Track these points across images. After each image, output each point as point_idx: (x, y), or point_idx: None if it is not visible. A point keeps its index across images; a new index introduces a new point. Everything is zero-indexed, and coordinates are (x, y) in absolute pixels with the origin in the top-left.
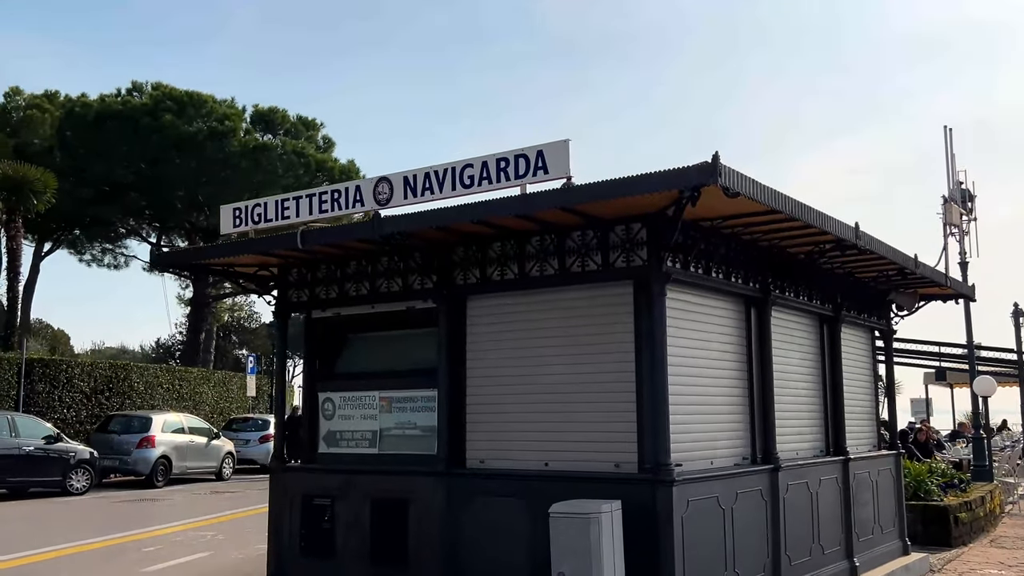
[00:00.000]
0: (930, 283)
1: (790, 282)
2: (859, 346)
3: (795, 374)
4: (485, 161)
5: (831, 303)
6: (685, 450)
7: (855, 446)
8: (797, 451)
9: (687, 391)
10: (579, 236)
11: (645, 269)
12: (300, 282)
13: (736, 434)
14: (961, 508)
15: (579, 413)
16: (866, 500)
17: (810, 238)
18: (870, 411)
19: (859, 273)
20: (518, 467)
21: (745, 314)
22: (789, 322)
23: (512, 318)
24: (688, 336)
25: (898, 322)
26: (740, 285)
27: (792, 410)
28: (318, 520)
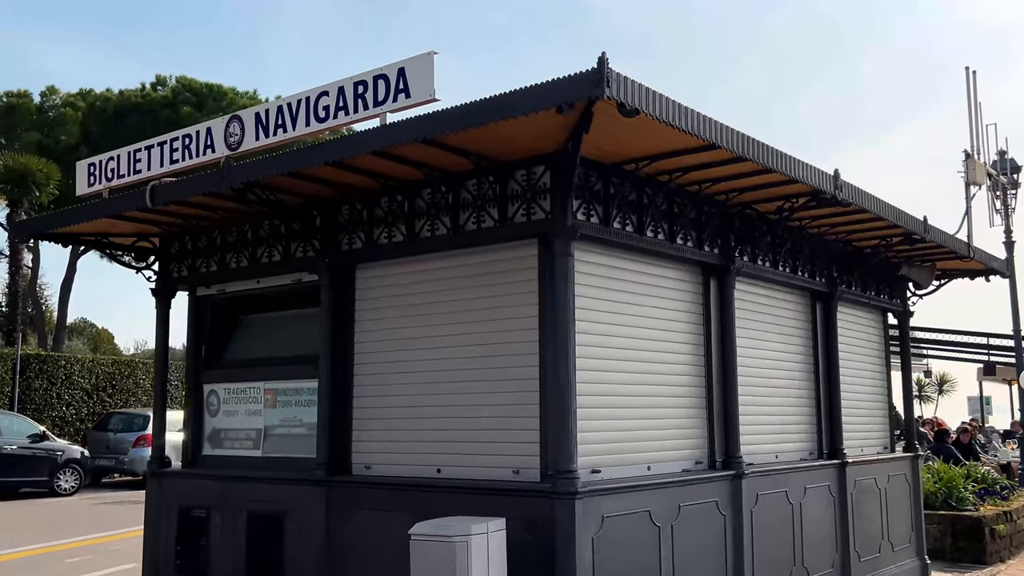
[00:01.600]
0: (949, 254)
1: (763, 248)
2: (865, 329)
3: (774, 360)
4: (341, 86)
5: (824, 276)
6: (605, 453)
7: (859, 447)
8: (777, 454)
9: (608, 379)
10: (475, 186)
11: (549, 224)
12: (182, 254)
13: (688, 433)
14: (999, 519)
15: (477, 407)
16: (871, 512)
17: (777, 189)
18: (880, 406)
19: (857, 241)
20: (407, 474)
21: (702, 286)
22: (764, 297)
23: (404, 291)
24: (614, 311)
25: (915, 302)
26: (692, 249)
27: (770, 404)
28: (195, 535)
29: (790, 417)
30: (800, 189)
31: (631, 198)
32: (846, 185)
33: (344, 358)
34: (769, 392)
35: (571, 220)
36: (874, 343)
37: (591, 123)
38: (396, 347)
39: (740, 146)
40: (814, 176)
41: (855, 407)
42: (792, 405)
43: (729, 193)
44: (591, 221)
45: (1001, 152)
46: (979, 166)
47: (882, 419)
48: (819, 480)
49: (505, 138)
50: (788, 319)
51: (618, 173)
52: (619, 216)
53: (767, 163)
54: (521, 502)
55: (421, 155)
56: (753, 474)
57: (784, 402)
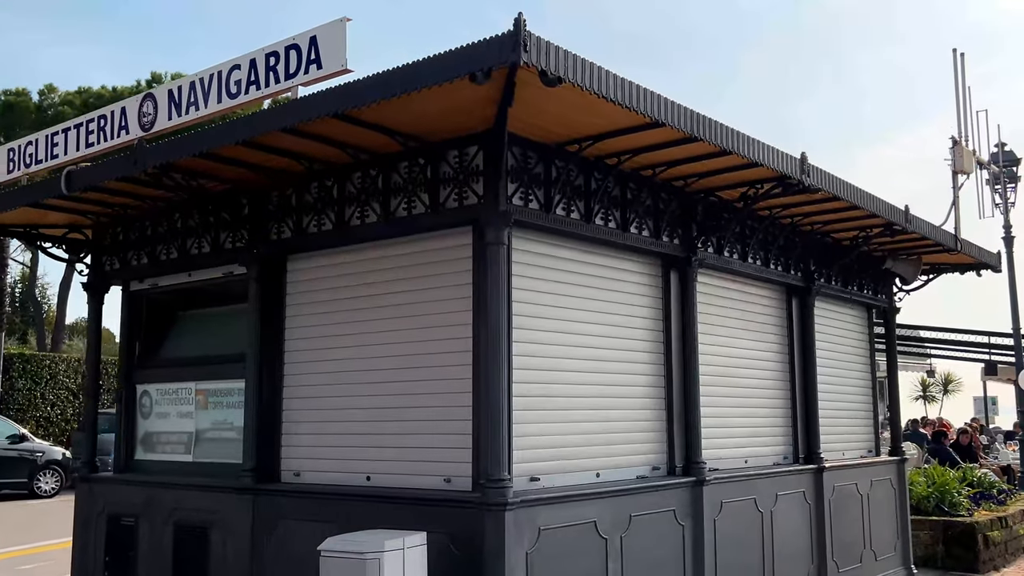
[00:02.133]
0: (935, 247)
1: (729, 238)
2: (848, 326)
3: (745, 358)
4: (253, 59)
5: (800, 270)
6: (546, 459)
7: (840, 451)
8: (746, 458)
9: (552, 379)
10: (406, 169)
11: (481, 209)
12: (114, 246)
13: (645, 436)
14: (993, 525)
15: (408, 410)
16: (851, 519)
17: (739, 173)
18: (864, 407)
19: (835, 232)
20: (337, 481)
21: (661, 278)
22: (733, 291)
23: (335, 284)
24: (559, 305)
25: (902, 298)
26: (648, 239)
27: (739, 405)
28: (124, 546)
29: (762, 419)
30: (764, 174)
31: (577, 183)
32: (814, 170)
33: (273, 357)
34: (738, 392)
35: (504, 204)
36: (857, 341)
37: (514, 94)
38: (327, 345)
39: (689, 124)
40: (778, 160)
41: (836, 408)
42: (765, 406)
43: (687, 179)
44: (530, 207)
45: (1000, 144)
46: (967, 153)
47: (866, 421)
48: (793, 486)
49: (424, 114)
50: (760, 315)
51: (561, 155)
52: (563, 202)
53: (723, 144)
54: (449, 514)
55: (341, 133)
56: (717, 480)
57: (755, 403)
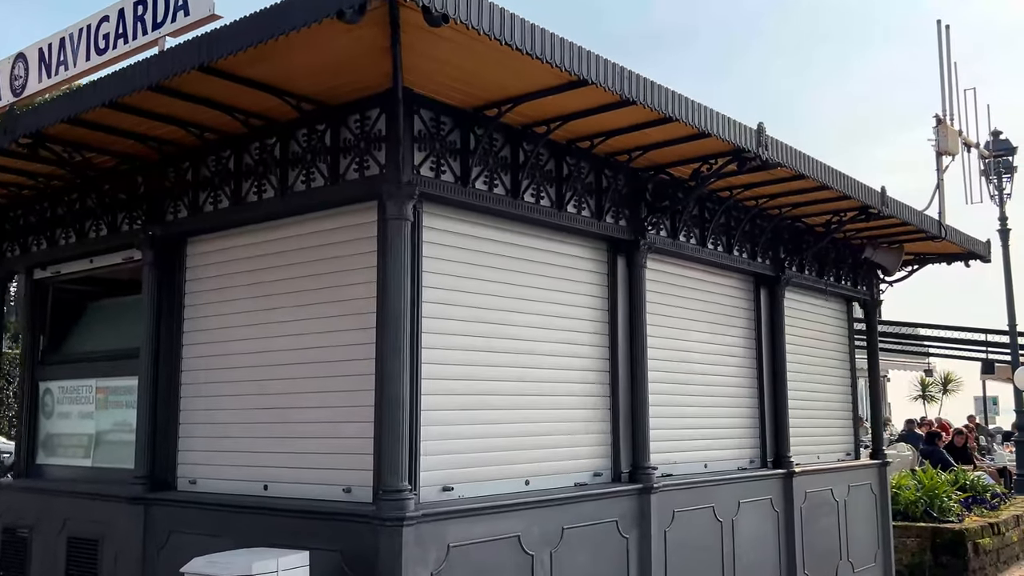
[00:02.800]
0: (917, 234)
1: (686, 221)
2: (824, 319)
3: (704, 353)
4: (121, 8)
5: (769, 258)
6: (463, 466)
7: (814, 454)
8: (706, 463)
9: (472, 375)
10: (304, 137)
11: (381, 180)
12: (15, 230)
13: (586, 440)
14: (984, 532)
15: (308, 410)
16: (826, 527)
17: (688, 146)
18: (843, 407)
19: (808, 217)
20: (234, 490)
21: (606, 263)
22: (690, 279)
23: (234, 269)
24: (482, 292)
25: (885, 290)
26: (590, 220)
27: (697, 404)
28: (18, 560)
29: (725, 420)
30: (716, 147)
31: (502, 154)
32: (773, 143)
33: (170, 351)
34: (697, 391)
35: (409, 175)
36: (836, 335)
37: (400, 39)
38: (227, 338)
39: (620, 84)
40: (731, 130)
41: (810, 408)
42: (729, 406)
43: (631, 152)
44: (443, 178)
45: (995, 132)
46: (952, 132)
47: (845, 422)
48: (758, 493)
49: (310, 69)
50: (724, 305)
51: (481, 121)
52: (485, 174)
53: (662, 109)
54: (343, 529)
55: (224, 94)
56: (668, 487)
57: (718, 402)
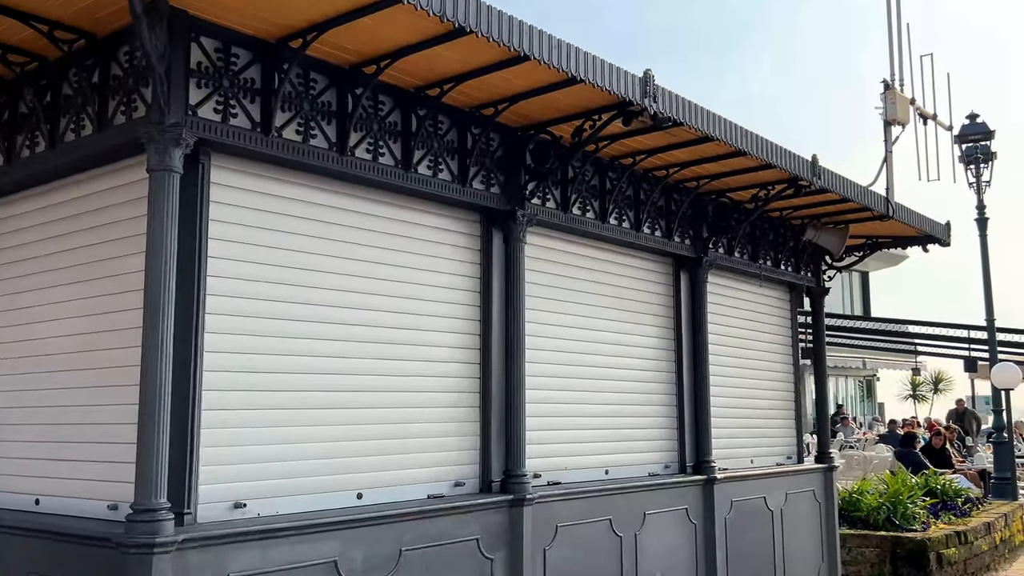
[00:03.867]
0: (861, 211)
1: (581, 191)
2: (762, 309)
3: (606, 343)
4: None
5: (688, 237)
6: (267, 477)
7: (748, 458)
8: (607, 468)
9: (277, 366)
10: (75, 76)
11: (144, 123)
12: None
13: (442, 443)
14: (949, 541)
15: (79, 409)
16: (758, 539)
17: (563, 99)
18: (784, 405)
19: (732, 191)
20: (6, 504)
21: (479, 239)
22: (589, 259)
23: (15, 241)
24: (295, 265)
25: (832, 276)
26: (451, 184)
27: (596, 402)
28: None
29: (634, 420)
30: (599, 99)
31: (323, 98)
32: (665, 95)
33: None
34: (598, 386)
35: (177, 115)
36: (776, 326)
37: None
38: (9, 322)
39: (447, 8)
40: (612, 79)
41: (742, 407)
42: (639, 404)
43: (497, 105)
44: (232, 123)
45: (972, 115)
46: (902, 99)
47: (786, 423)
48: (671, 502)
49: None
50: (634, 290)
51: (287, 55)
52: (298, 121)
53: (512, 44)
54: (94, 556)
55: None
56: (548, 498)
57: (625, 400)
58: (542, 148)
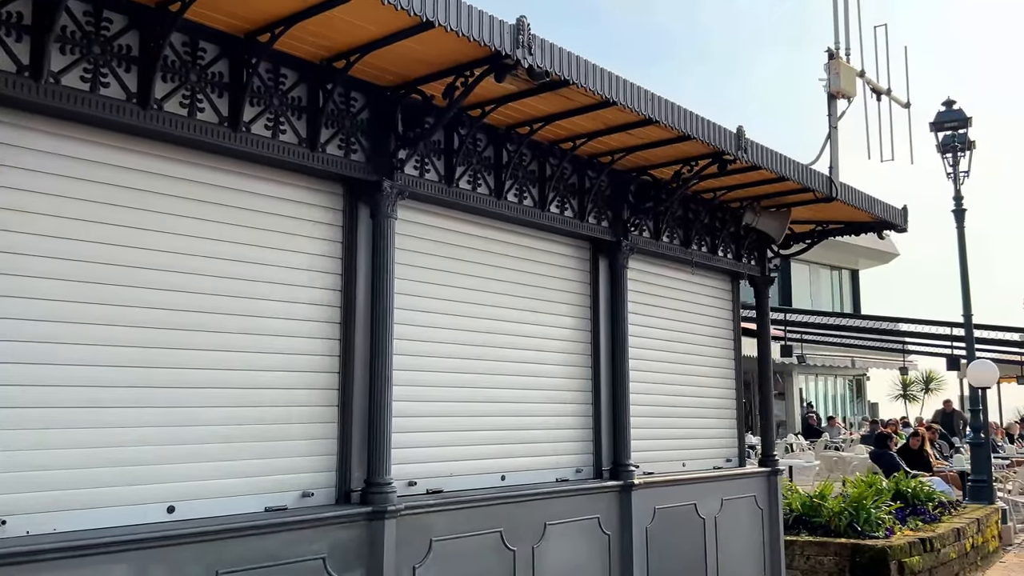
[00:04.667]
0: (803, 192)
1: (468, 162)
2: (697, 300)
3: (508, 335)
4: None
5: (607, 219)
6: (21, 489)
7: (680, 461)
8: (504, 474)
9: (41, 355)
10: None
11: None
12: None
13: (297, 446)
14: (913, 549)
15: None
16: (686, 550)
17: (422, 49)
18: (723, 404)
19: (655, 168)
20: None
21: (343, 214)
22: (483, 239)
23: None
24: (69, 214)
25: (778, 264)
26: (301, 149)
27: (490, 400)
28: None
29: (539, 420)
30: (468, 51)
31: (105, 32)
32: (543, 45)
33: None
34: (492, 382)
35: None
36: (713, 318)
37: None
38: None
39: None
40: (478, 27)
41: (671, 406)
42: (544, 402)
43: (349, 55)
44: None
45: (948, 102)
46: (847, 70)
47: (727, 422)
48: (578, 511)
49: None
50: (541, 276)
51: None
52: (83, 66)
53: None
54: None
55: None
56: (420, 509)
57: (526, 396)
58: (414, 110)
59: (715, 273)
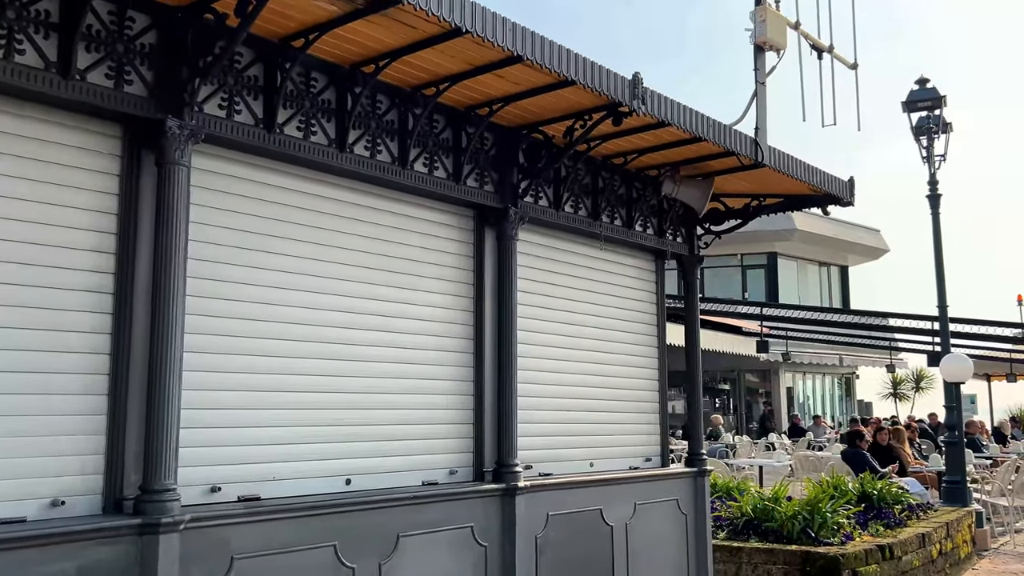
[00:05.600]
0: (725, 157)
1: (300, 105)
2: (610, 279)
3: (367, 314)
4: None
5: (491, 181)
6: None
7: (587, 461)
8: (350, 476)
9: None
10: None
11: None
12: None
13: (45, 445)
14: (870, 556)
15: None
16: (588, 563)
17: None
18: (645, 399)
19: (546, 124)
20: None
21: (121, 158)
22: (332, 201)
23: None
24: None
25: (709, 241)
26: (74, 82)
27: (334, 390)
28: None
29: (397, 413)
30: None
31: None
32: None
33: None
34: (330, 369)
35: None
36: (633, 300)
37: None
38: None
39: None
40: None
41: (576, 397)
42: (412, 392)
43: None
44: None
45: (922, 80)
46: (775, 18)
47: (647, 417)
48: (446, 519)
49: None
50: (400, 245)
51: None
52: None
53: None
54: None
55: None
56: (225, 520)
57: (381, 386)
58: (204, 35)
59: (634, 250)
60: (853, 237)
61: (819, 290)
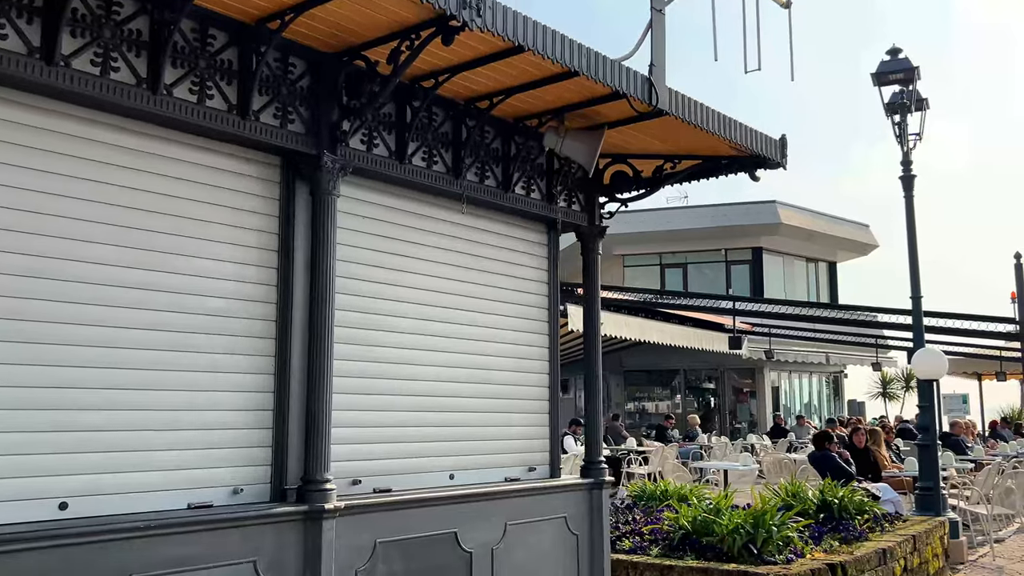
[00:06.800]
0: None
1: None
2: (480, 251)
3: (88, 283)
4: None
5: (298, 120)
6: None
7: (446, 472)
8: (65, 499)
9: None
10: None
11: None
12: None
13: None
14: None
15: None
16: None
17: None
18: (529, 395)
19: (365, 46)
20: None
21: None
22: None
23: None
24: None
25: (614, 210)
26: None
27: (48, 384)
28: None
29: (159, 416)
30: None
31: None
32: None
33: None
34: (43, 356)
35: None
36: (511, 278)
37: None
38: None
39: None
40: None
41: (430, 394)
42: (177, 388)
43: None
44: None
45: (894, 50)
46: None
47: (531, 417)
48: (221, 552)
49: None
50: (176, 199)
51: None
52: None
53: None
54: None
55: None
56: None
57: (128, 381)
58: None
59: (516, 217)
60: (841, 232)
61: (806, 286)
